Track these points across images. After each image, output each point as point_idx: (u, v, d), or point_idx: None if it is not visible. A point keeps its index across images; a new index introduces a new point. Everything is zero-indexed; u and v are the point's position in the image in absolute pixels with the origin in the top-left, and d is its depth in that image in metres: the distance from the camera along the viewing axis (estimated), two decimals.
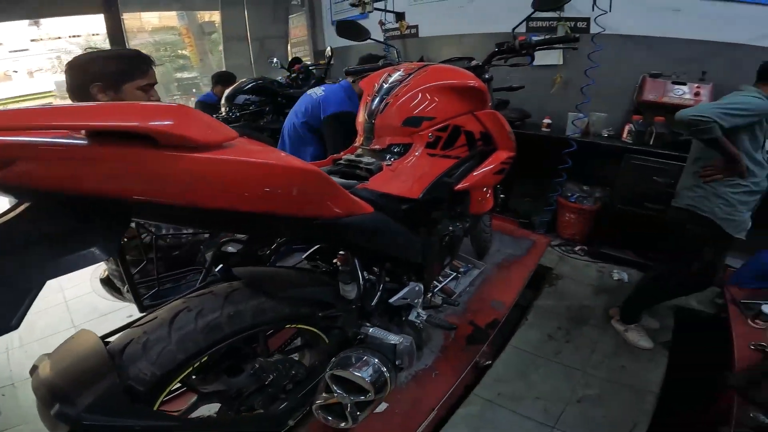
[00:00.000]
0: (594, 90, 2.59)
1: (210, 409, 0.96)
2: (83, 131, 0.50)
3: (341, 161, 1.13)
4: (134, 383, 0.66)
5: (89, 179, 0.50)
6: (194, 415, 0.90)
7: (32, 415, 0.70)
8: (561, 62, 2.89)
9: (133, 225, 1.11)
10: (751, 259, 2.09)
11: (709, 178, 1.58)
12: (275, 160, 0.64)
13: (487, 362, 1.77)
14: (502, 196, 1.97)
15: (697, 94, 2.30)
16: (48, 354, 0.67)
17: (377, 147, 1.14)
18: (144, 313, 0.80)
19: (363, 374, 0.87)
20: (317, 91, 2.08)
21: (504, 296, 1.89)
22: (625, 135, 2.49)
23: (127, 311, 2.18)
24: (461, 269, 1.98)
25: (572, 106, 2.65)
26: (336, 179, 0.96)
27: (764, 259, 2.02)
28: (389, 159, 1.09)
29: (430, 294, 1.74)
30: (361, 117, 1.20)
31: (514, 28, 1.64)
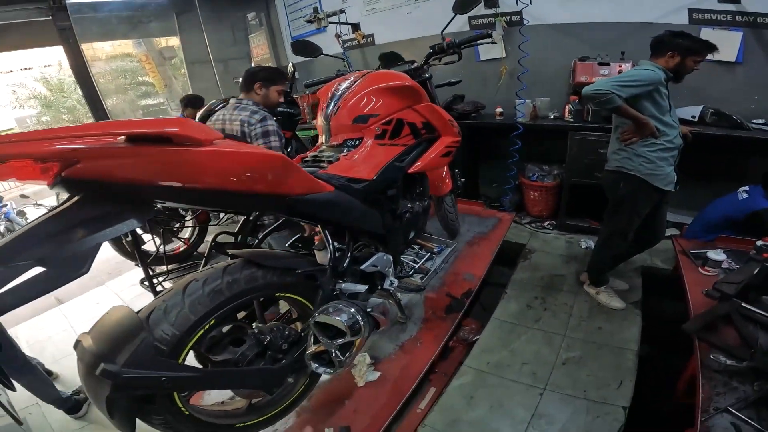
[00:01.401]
0: (535, 77, 2.83)
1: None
2: (121, 138, 0.72)
3: (307, 158, 1.33)
4: (159, 343, 0.85)
5: (128, 171, 0.73)
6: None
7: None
8: (504, 55, 3.16)
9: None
10: (699, 214, 2.32)
11: (627, 141, 1.81)
12: (252, 149, 0.90)
13: (475, 338, 1.89)
14: (462, 180, 2.17)
15: (620, 71, 2.54)
16: (86, 332, 0.85)
17: (335, 143, 1.34)
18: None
19: (341, 317, 1.06)
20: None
21: (475, 269, 2.08)
22: (566, 115, 2.74)
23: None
24: (435, 249, 2.17)
25: (515, 93, 2.89)
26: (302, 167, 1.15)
27: (708, 214, 2.26)
28: (346, 151, 1.29)
29: (409, 275, 1.92)
30: (320, 121, 1.41)
31: (442, 31, 1.86)
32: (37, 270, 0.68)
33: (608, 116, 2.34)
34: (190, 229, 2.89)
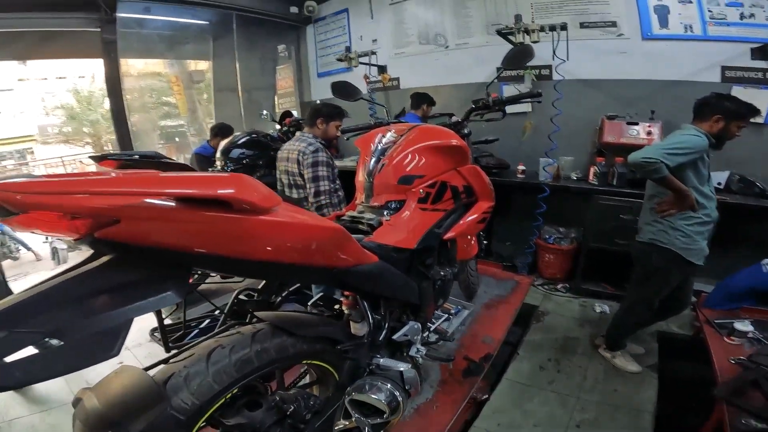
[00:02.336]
0: (560, 134, 2.81)
1: None
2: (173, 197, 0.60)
3: (345, 218, 1.27)
4: (176, 412, 0.75)
5: (173, 236, 0.63)
6: None
7: None
8: (530, 109, 3.18)
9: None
10: (719, 284, 2.27)
11: (665, 213, 1.75)
12: (312, 220, 0.81)
13: (485, 396, 1.83)
14: (485, 242, 2.12)
15: (649, 132, 2.55)
16: (89, 387, 0.75)
17: (376, 204, 1.29)
18: (170, 353, 0.90)
19: (379, 397, 0.99)
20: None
21: (494, 332, 1.99)
22: (591, 177, 2.71)
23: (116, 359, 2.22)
24: (452, 311, 2.10)
25: (543, 152, 2.87)
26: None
27: (731, 283, 2.21)
28: (387, 214, 1.24)
29: (426, 333, 1.84)
30: (361, 176, 1.36)
31: (487, 86, 1.81)
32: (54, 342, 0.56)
33: (637, 180, 2.35)
34: None
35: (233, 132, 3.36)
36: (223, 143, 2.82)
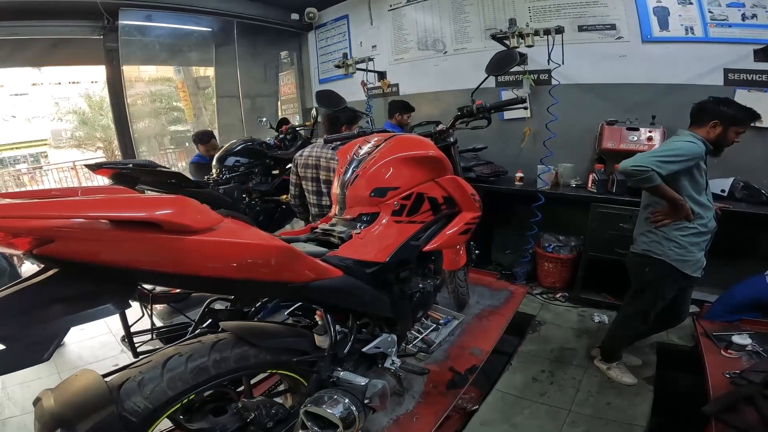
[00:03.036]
0: (560, 141, 2.74)
1: None
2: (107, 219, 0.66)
3: (318, 230, 1.26)
4: (128, 414, 0.78)
5: (107, 254, 0.67)
6: None
7: None
8: (529, 115, 3.13)
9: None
10: (723, 295, 2.20)
11: (659, 223, 1.70)
12: (253, 239, 0.81)
13: (474, 407, 1.80)
14: (476, 252, 2.09)
15: (650, 138, 2.47)
16: (50, 389, 0.79)
17: (348, 217, 1.27)
18: (138, 358, 0.94)
19: (334, 410, 0.97)
20: None
21: (482, 344, 1.94)
22: (590, 184, 2.63)
23: (112, 361, 2.29)
24: (441, 321, 2.06)
25: (540, 160, 2.80)
26: (308, 247, 1.09)
27: (732, 295, 2.15)
28: (359, 227, 1.21)
29: (411, 344, 1.82)
30: (335, 188, 1.34)
31: (472, 93, 1.79)
32: None
33: (636, 190, 2.27)
34: None
35: (212, 136, 3.42)
36: (218, 154, 2.85)
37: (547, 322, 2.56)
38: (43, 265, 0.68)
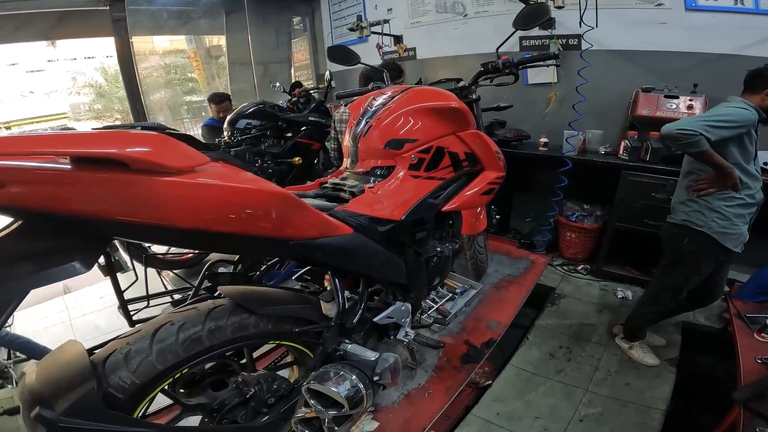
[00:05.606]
0: (589, 107, 2.59)
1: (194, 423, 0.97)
2: (67, 157, 0.54)
3: (327, 184, 1.15)
4: (114, 391, 0.71)
5: (71, 201, 0.55)
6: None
7: None
8: (555, 80, 2.93)
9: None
10: (756, 273, 2.06)
11: (702, 192, 1.56)
12: (242, 183, 0.68)
13: (487, 382, 1.75)
14: (497, 216, 1.97)
15: (690, 107, 2.30)
16: (36, 362, 0.72)
17: (361, 170, 1.15)
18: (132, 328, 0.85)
19: (339, 389, 0.87)
20: None
21: (500, 316, 1.86)
22: (621, 151, 2.48)
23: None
24: (458, 290, 1.97)
25: (567, 124, 2.66)
26: (315, 202, 0.99)
27: (765, 274, 1.99)
28: (372, 182, 1.10)
29: (425, 314, 1.74)
30: (347, 140, 1.22)
31: (497, 48, 1.67)
32: None
33: (674, 156, 2.12)
34: None
35: (227, 98, 3.34)
36: (230, 116, 2.79)
37: (567, 296, 2.45)
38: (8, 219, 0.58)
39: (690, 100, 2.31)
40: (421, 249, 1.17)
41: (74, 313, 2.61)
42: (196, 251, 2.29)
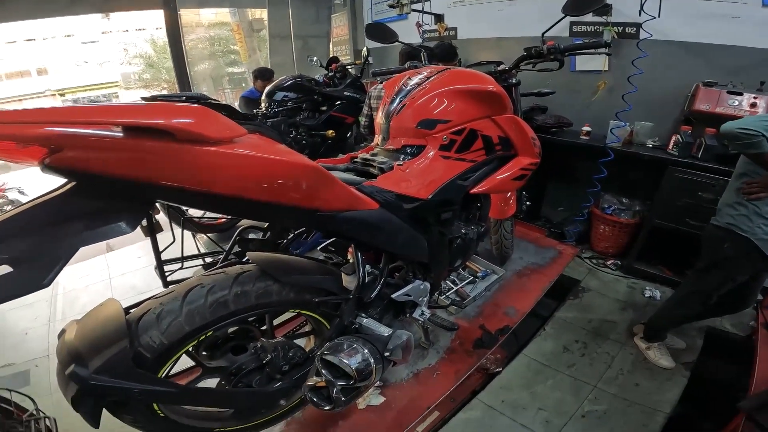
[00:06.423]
0: (641, 98, 2.44)
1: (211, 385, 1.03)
2: (120, 126, 0.60)
3: (357, 159, 1.18)
4: (143, 350, 0.76)
5: (121, 166, 0.61)
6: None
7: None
8: (606, 69, 2.76)
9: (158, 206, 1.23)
10: None
11: (753, 195, 1.46)
12: (276, 155, 0.72)
13: (497, 369, 1.76)
14: (527, 203, 1.93)
15: (753, 105, 2.11)
16: (76, 320, 0.78)
17: (392, 147, 1.17)
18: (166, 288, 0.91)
19: (350, 361, 0.91)
20: None
21: (519, 304, 1.85)
22: (671, 146, 2.33)
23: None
24: (479, 274, 1.97)
25: (614, 114, 2.52)
26: (344, 175, 1.02)
27: None
28: (402, 159, 1.11)
29: (444, 295, 1.77)
30: (379, 117, 1.24)
31: (543, 33, 1.60)
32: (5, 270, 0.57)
33: (728, 156, 1.98)
34: None
35: (273, 75, 3.41)
36: (268, 87, 2.86)
37: (592, 290, 2.37)
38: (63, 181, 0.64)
39: (754, 98, 2.11)
40: (446, 229, 1.18)
41: (114, 272, 2.77)
42: (230, 216, 2.41)
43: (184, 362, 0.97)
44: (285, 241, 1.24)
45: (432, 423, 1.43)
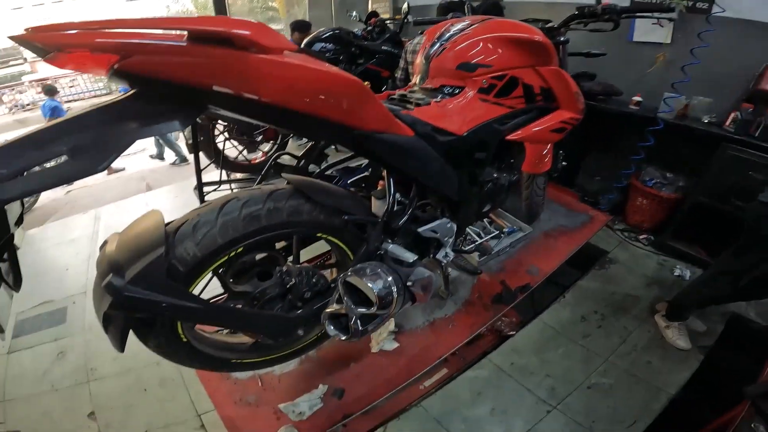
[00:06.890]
0: (702, 73, 2.27)
1: None
2: (185, 34, 0.65)
3: (394, 96, 1.19)
4: (177, 262, 0.79)
5: (181, 70, 0.66)
6: None
7: (96, 325, 0.78)
8: (669, 41, 2.55)
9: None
10: None
11: None
12: (322, 67, 0.76)
13: (511, 332, 1.77)
14: (563, 163, 1.87)
15: None
16: (118, 232, 0.81)
17: (430, 86, 1.17)
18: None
19: (373, 285, 0.91)
20: None
21: (543, 264, 1.82)
22: (728, 122, 2.19)
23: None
24: (506, 229, 1.94)
25: (670, 85, 2.36)
26: (385, 104, 1.04)
27: None
28: (440, 98, 1.12)
29: (467, 247, 1.77)
30: (419, 59, 1.23)
31: None
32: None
33: None
34: (271, 142, 2.91)
35: (311, 27, 3.40)
36: (307, 38, 2.86)
37: (619, 263, 2.32)
38: (126, 87, 0.69)
39: None
40: (478, 170, 1.19)
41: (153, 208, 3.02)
42: (266, 153, 2.49)
43: (212, 289, 1.02)
44: (317, 173, 1.29)
45: (440, 378, 1.48)
